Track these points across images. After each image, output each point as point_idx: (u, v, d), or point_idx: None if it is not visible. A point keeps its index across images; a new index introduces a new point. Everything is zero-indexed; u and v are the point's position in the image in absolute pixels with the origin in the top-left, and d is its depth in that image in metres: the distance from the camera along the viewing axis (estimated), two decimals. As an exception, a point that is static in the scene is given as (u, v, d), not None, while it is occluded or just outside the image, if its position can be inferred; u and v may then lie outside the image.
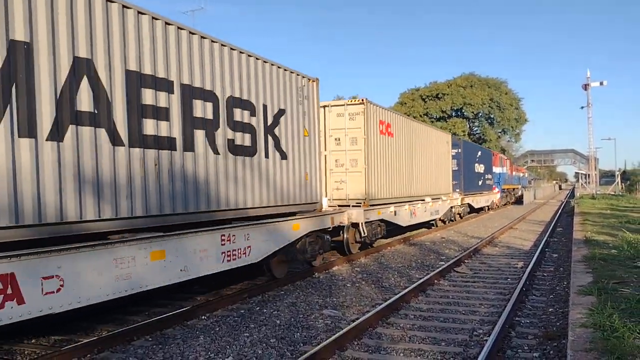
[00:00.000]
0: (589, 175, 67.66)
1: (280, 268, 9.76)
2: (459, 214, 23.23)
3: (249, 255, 8.23)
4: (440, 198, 19.26)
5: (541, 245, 14.21)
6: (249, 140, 8.52)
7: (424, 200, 17.31)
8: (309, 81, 10.40)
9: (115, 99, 6.14)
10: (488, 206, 30.69)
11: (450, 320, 7.35)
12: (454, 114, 61.16)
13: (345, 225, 11.88)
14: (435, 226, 19.90)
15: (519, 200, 45.18)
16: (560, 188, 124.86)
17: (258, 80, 8.80)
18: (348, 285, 9.75)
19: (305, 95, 10.22)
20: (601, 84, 63.18)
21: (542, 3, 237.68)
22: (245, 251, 8.12)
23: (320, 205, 10.75)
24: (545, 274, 10.79)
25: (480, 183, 28.35)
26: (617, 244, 11.76)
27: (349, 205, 12.56)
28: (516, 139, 69.68)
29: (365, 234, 12.24)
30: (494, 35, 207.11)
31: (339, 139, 12.90)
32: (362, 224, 12.10)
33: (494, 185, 32.56)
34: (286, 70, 9.65)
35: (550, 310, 7.88)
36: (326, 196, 12.13)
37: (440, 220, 20.10)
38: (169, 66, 6.95)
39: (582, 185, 66.20)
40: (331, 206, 12.11)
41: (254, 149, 8.65)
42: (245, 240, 8.12)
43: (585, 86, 62.63)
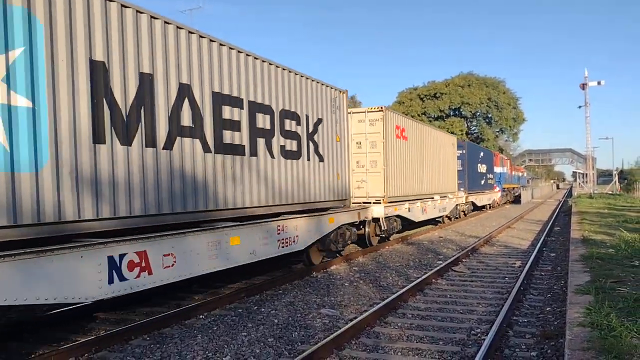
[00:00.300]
0: (586, 174, 69.07)
1: (316, 256, 11.56)
2: (463, 211, 25.20)
3: (297, 243, 10.03)
4: (447, 196, 21.20)
5: (539, 245, 14.62)
6: (295, 145, 10.31)
7: (433, 198, 19.22)
8: (339, 93, 12.22)
9: (205, 115, 7.92)
10: (490, 204, 32.71)
11: (448, 319, 7.52)
12: (452, 114, 62.25)
13: (368, 219, 13.70)
14: (442, 222, 21.79)
15: (517, 200, 46.20)
16: (557, 187, 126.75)
17: (302, 94, 10.61)
18: (346, 284, 10.02)
19: (337, 106, 12.03)
20: (599, 83, 65.05)
21: (542, 3, 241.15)
22: (294, 240, 9.91)
23: (349, 202, 12.57)
24: (542, 273, 11.05)
25: (482, 182, 30.40)
26: (615, 243, 12.04)
27: (369, 202, 14.36)
28: (514, 139, 70.64)
29: (385, 228, 14.06)
30: (493, 35, 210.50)
31: (360, 143, 14.71)
32: (383, 219, 13.93)
33: (495, 185, 34.65)
34: (323, 85, 11.46)
35: (547, 309, 8.04)
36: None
37: (446, 217, 22.02)
38: (240, 86, 8.73)
39: (580, 184, 67.87)
40: (355, 203, 13.91)
41: (299, 153, 10.45)
42: (294, 230, 9.92)
43: (583, 86, 64.55)
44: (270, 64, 9.55)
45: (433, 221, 21.21)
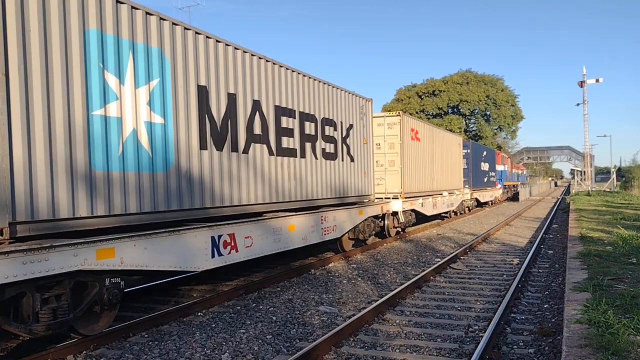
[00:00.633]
0: (584, 172, 71.08)
1: (347, 244, 13.67)
2: (468, 207, 27.51)
3: (335, 232, 12.12)
4: (454, 192, 23.45)
5: (537, 242, 15.00)
6: (332, 148, 12.40)
7: (442, 194, 21.42)
8: (366, 101, 14.33)
9: (269, 125, 9.99)
10: (492, 200, 35.08)
11: (446, 316, 7.70)
12: (450, 111, 63.53)
13: (388, 213, 15.82)
14: (449, 217, 24.02)
15: (515, 197, 47.44)
16: (555, 185, 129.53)
17: (338, 104, 12.70)
18: (344, 281, 10.31)
19: (364, 112, 14.14)
20: (597, 81, 67.52)
21: (541, 0, 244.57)
22: (333, 229, 12.01)
23: (373, 197, 14.69)
24: (540, 271, 11.29)
25: (485, 180, 32.80)
26: (612, 240, 12.33)
27: (388, 198, 16.47)
28: (512, 136, 71.70)
29: (402, 221, 16.20)
30: (492, 33, 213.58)
31: (379, 144, 16.81)
32: (401, 212, 16.07)
33: (497, 182, 37.07)
34: (353, 95, 13.55)
35: (545, 306, 8.20)
36: (371, 190, 16.04)
37: (453, 212, 24.25)
38: (293, 100, 10.80)
39: (578, 182, 70.05)
40: (377, 198, 16.03)
41: (335, 155, 12.54)
42: (333, 220, 12.02)
43: (582, 83, 66.99)
44: (314, 80, 11.63)
45: (438, 216, 23.35)
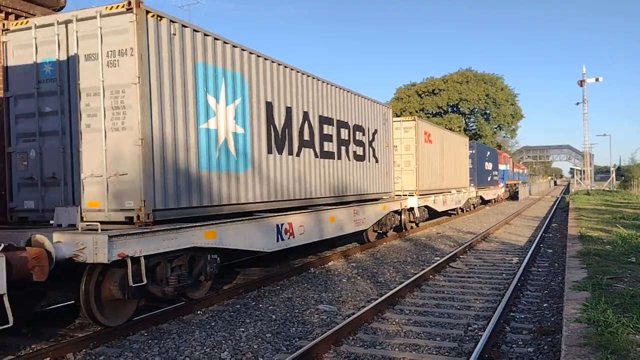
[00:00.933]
0: (584, 171, 72.74)
1: (372, 235, 15.89)
2: (473, 204, 29.91)
3: (364, 224, 14.34)
4: (461, 190, 25.81)
5: (536, 241, 15.36)
6: (361, 151, 14.61)
7: (451, 192, 23.73)
8: (387, 109, 16.57)
9: (315, 132, 12.17)
10: (495, 198, 37.53)
11: (445, 315, 7.80)
12: (450, 110, 64.67)
13: (405, 208, 18.05)
14: (456, 214, 26.32)
15: (514, 196, 48.49)
16: (555, 184, 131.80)
17: (365, 112, 14.92)
18: (344, 280, 10.55)
19: (386, 119, 16.38)
20: (597, 80, 69.48)
21: (541, 0, 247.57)
22: (363, 221, 14.22)
23: (393, 194, 16.93)
24: (540, 270, 11.49)
25: (489, 179, 35.30)
26: (612, 239, 12.56)
27: (405, 195, 18.70)
28: (512, 135, 73.19)
29: (417, 215, 18.45)
30: (491, 32, 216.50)
31: (396, 146, 19.02)
32: (416, 208, 18.32)
33: (499, 181, 39.56)
34: (376, 103, 15.76)
35: (544, 305, 8.33)
36: (389, 188, 18.27)
37: (460, 208, 26.58)
38: (332, 109, 12.99)
39: (577, 181, 71.96)
40: (396, 195, 18.26)
41: (364, 157, 14.75)
42: (363, 214, 14.23)
43: (581, 82, 69.01)
44: (348, 92, 13.84)
45: (446, 213, 25.56)
